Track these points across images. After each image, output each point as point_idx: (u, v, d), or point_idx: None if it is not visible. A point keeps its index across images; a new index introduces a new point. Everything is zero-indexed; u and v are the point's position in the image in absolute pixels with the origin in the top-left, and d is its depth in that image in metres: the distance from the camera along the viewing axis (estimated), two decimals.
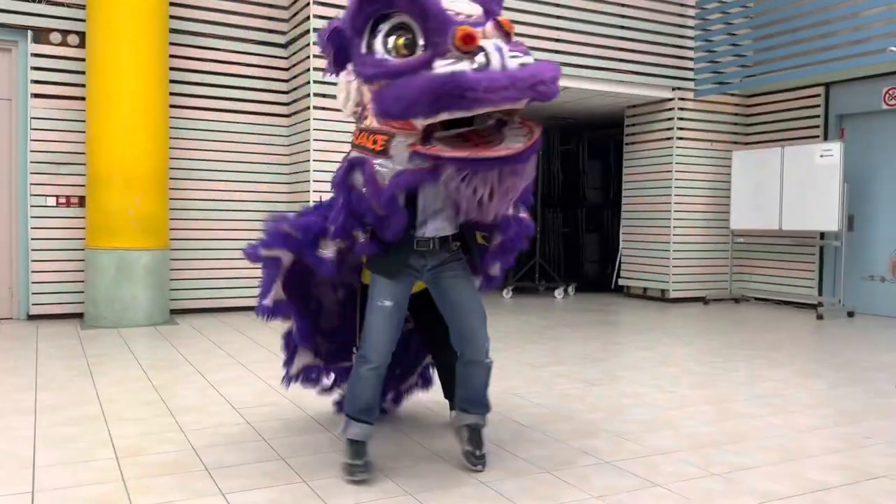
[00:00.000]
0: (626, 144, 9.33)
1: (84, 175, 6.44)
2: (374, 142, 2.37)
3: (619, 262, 9.50)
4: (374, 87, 2.33)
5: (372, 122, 2.39)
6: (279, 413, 3.57)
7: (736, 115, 9.04)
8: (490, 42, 2.22)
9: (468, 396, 2.90)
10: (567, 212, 9.92)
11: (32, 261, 6.48)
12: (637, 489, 2.63)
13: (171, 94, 6.73)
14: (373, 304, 2.63)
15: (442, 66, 2.19)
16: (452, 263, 2.73)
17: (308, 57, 6.79)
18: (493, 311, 3.23)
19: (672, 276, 8.71)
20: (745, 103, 9.06)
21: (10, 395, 3.85)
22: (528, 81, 2.16)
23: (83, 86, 6.42)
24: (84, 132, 6.41)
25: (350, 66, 2.44)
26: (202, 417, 3.49)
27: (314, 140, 6.77)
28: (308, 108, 6.82)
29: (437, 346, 3.18)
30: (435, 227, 2.64)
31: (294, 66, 7.21)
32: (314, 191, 6.75)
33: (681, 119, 8.67)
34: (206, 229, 7.12)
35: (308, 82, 6.81)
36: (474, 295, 2.81)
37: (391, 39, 2.32)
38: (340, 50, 2.45)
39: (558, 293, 9.23)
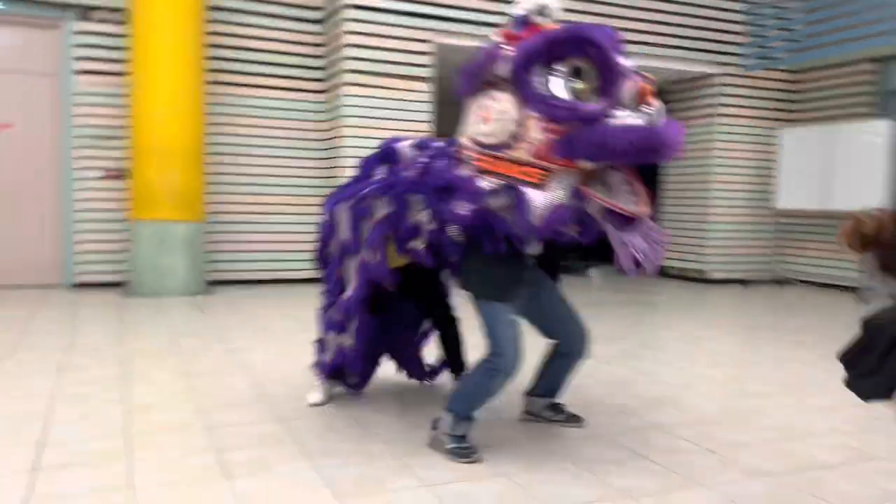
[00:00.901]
0: None
1: (125, 149, 6.66)
2: (527, 174, 2.42)
3: None
4: (554, 127, 2.37)
5: (522, 154, 2.42)
6: (289, 379, 3.66)
7: (783, 91, 8.74)
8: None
9: (554, 387, 3.05)
10: None
11: (76, 231, 6.75)
12: (622, 461, 2.64)
13: (210, 70, 6.88)
14: (501, 318, 2.63)
15: (624, 118, 2.33)
16: (539, 274, 2.88)
17: (342, 34, 6.85)
18: None
19: (711, 257, 8.54)
20: (792, 79, 8.75)
21: (42, 357, 4.05)
22: (680, 143, 2.35)
23: (125, 62, 6.62)
24: (125, 107, 6.62)
25: (507, 97, 2.45)
26: (216, 381, 3.61)
27: (347, 116, 6.84)
28: (342, 84, 6.88)
29: (441, 322, 3.33)
30: (535, 247, 2.70)
31: (329, 42, 7.28)
32: (348, 166, 6.84)
33: (724, 96, 8.44)
34: (243, 203, 7.29)
35: (342, 59, 6.87)
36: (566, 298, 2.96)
37: (575, 84, 2.39)
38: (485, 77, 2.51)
39: (592, 272, 9.15)
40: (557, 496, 2.30)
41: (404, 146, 2.84)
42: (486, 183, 2.46)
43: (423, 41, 7.06)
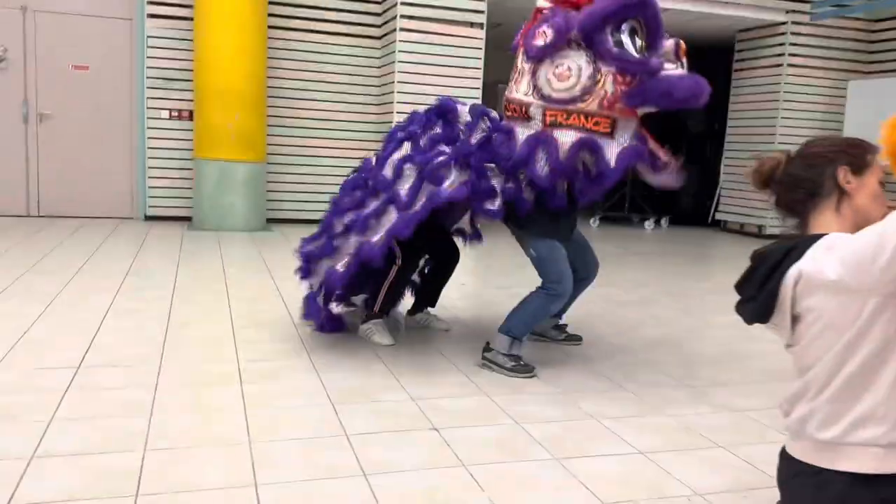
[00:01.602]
0: (735, 71, 8.90)
1: (193, 91, 7.06)
2: (597, 124, 2.75)
3: (719, 196, 9.22)
4: (626, 79, 2.71)
5: (591, 106, 2.74)
6: None
7: (857, 41, 8.37)
8: None
9: (563, 308, 3.45)
10: (665, 141, 9.66)
11: (149, 167, 7.25)
12: (601, 390, 2.82)
13: (272, 15, 7.16)
14: (557, 254, 3.03)
15: (674, 70, 2.74)
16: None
17: None
18: None
19: (770, 212, 8.38)
20: (868, 28, 8.35)
21: (105, 277, 4.50)
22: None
23: (193, 7, 6.97)
24: (193, 51, 7.00)
25: (581, 54, 2.76)
26: (252, 305, 3.97)
27: (399, 62, 7.02)
28: (396, 30, 7.05)
29: (443, 261, 3.64)
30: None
31: None
32: (398, 112, 7.04)
33: (793, 45, 8.15)
34: (302, 146, 7.63)
35: (397, 4, 7.02)
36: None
37: (637, 42, 2.75)
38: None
39: (648, 224, 9.14)
40: (527, 414, 2.52)
41: (462, 108, 3.12)
42: (564, 137, 2.77)
43: None
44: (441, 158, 2.94)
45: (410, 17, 7.00)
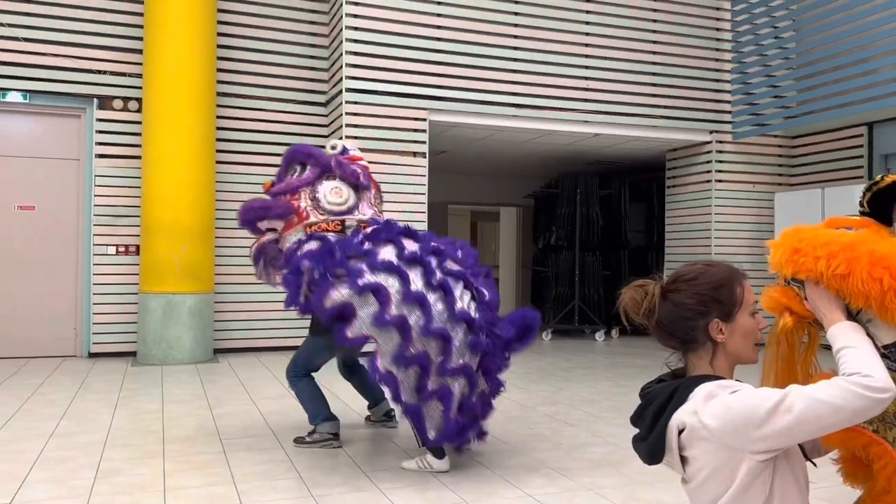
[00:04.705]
0: (668, 188, 9.35)
1: (140, 226, 7.11)
2: None
3: None
4: None
5: None
6: (255, 444, 3.90)
7: (779, 156, 8.91)
8: None
9: (377, 395, 4.31)
10: (609, 255, 10.00)
11: (94, 304, 7.18)
12: None
13: (220, 151, 7.37)
14: None
15: None
16: None
17: (342, 115, 7.30)
18: (525, 353, 3.70)
19: None
20: (788, 144, 8.92)
21: (37, 422, 4.36)
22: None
23: (141, 146, 7.14)
24: (140, 188, 7.11)
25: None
26: (186, 446, 3.86)
27: None
28: None
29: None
30: None
31: (331, 122, 7.74)
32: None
33: (719, 162, 8.64)
34: (250, 275, 7.63)
35: (341, 138, 7.29)
36: None
37: None
38: None
39: (599, 336, 9.25)
40: None
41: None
42: None
43: (418, 119, 7.46)
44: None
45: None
